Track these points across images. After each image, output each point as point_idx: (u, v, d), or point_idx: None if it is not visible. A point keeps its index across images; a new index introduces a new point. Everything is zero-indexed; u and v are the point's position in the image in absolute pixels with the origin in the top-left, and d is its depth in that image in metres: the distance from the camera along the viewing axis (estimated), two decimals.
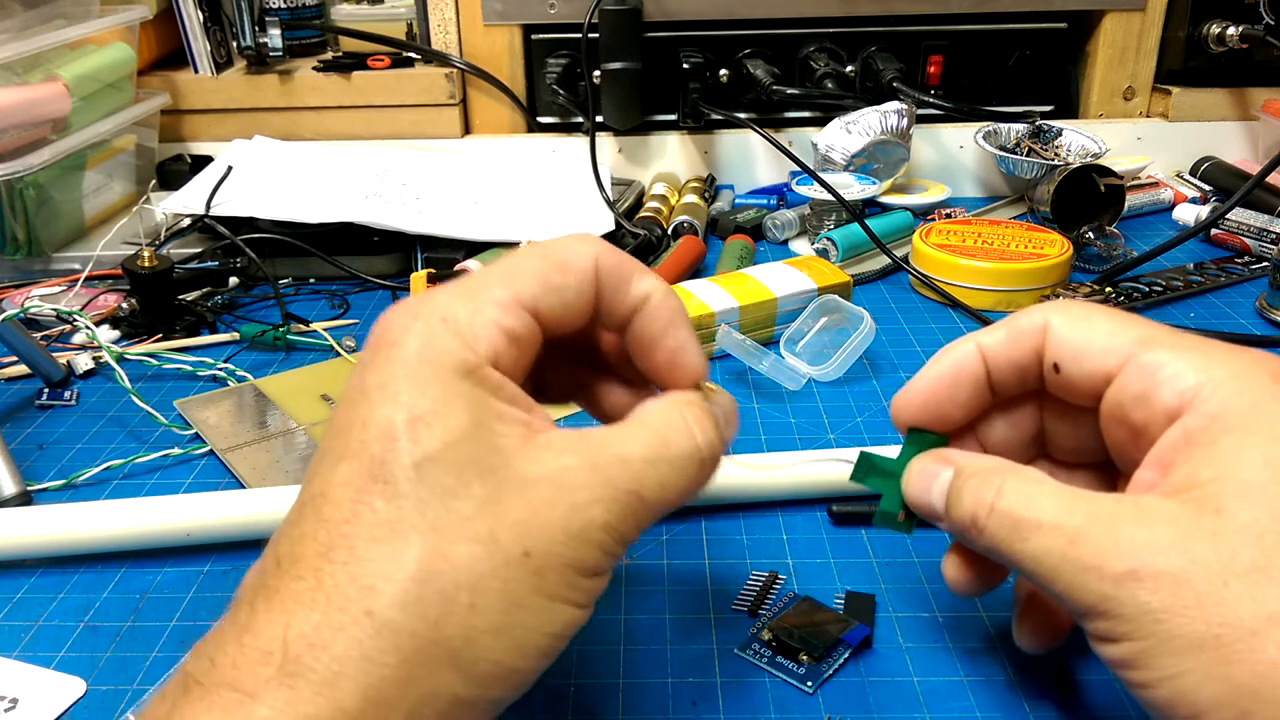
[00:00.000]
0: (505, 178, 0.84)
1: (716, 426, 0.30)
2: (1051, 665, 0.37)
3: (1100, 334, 0.31)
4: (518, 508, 0.26)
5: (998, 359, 0.33)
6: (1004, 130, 0.88)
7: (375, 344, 0.28)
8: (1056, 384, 0.33)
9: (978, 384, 0.34)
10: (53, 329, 0.66)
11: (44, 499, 0.49)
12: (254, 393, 0.57)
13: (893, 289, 0.71)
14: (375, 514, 0.25)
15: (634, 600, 0.40)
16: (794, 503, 0.46)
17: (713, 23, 0.89)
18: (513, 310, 0.29)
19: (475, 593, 0.25)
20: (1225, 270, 0.71)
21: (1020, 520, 0.29)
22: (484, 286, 0.29)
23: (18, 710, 0.36)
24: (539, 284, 0.29)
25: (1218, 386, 0.28)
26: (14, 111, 0.70)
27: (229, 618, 0.26)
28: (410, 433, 0.26)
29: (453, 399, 0.26)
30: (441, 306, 0.28)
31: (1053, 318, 0.32)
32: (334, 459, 0.27)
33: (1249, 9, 0.86)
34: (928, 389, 0.34)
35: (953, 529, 0.32)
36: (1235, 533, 0.26)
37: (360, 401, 0.27)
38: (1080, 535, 0.27)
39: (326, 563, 0.25)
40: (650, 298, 0.31)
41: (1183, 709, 0.25)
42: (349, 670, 0.24)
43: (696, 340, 0.32)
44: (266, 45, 0.88)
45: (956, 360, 0.34)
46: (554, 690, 0.36)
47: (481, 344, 0.28)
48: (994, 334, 0.34)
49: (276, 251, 0.72)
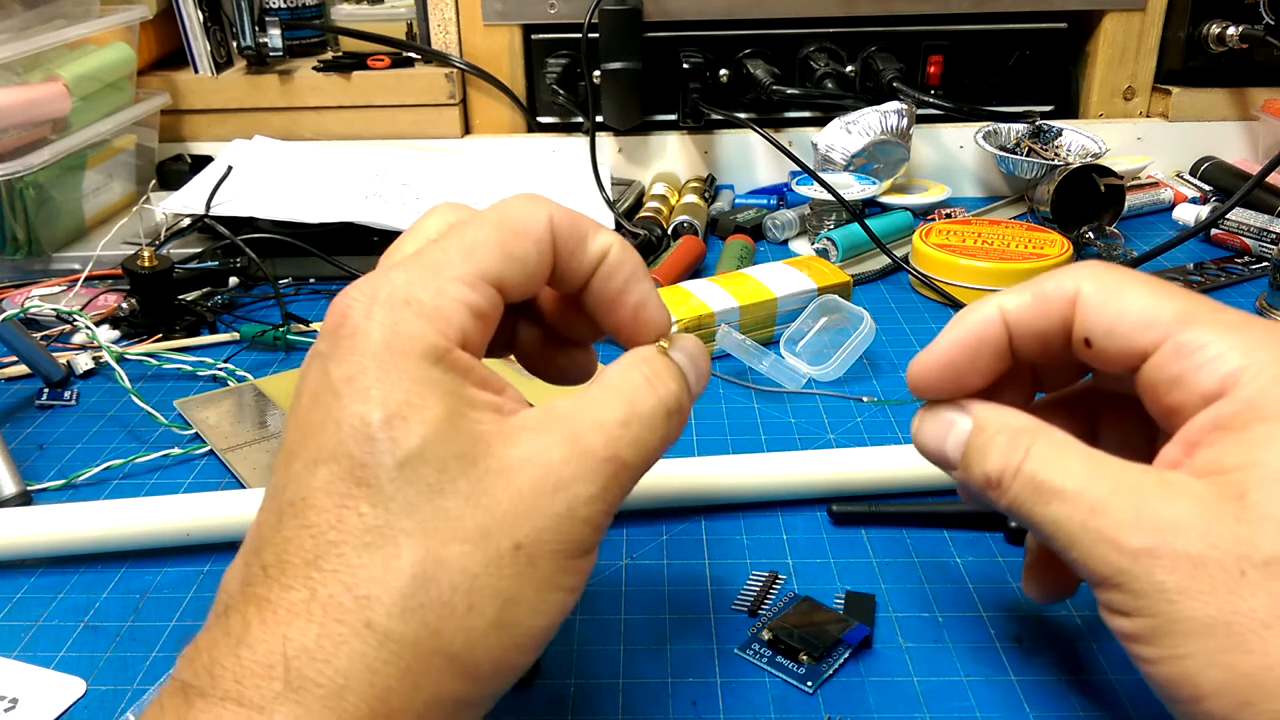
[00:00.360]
0: (505, 178, 0.84)
1: (678, 377, 0.30)
2: (1052, 665, 0.37)
3: (1136, 306, 0.29)
4: (505, 498, 0.26)
5: (1022, 326, 0.32)
6: (1004, 130, 0.88)
7: (335, 332, 0.27)
8: (1087, 357, 0.31)
9: (999, 351, 0.32)
10: (53, 329, 0.66)
11: (44, 499, 0.49)
12: (254, 393, 0.57)
13: (893, 289, 0.71)
14: (362, 519, 0.25)
15: (634, 600, 0.40)
16: (794, 503, 0.46)
17: (713, 23, 0.89)
18: (477, 286, 0.27)
19: (471, 594, 0.25)
20: (1225, 270, 0.72)
21: (1044, 485, 0.28)
22: (444, 262, 0.28)
23: (18, 710, 0.36)
24: (499, 254, 0.28)
25: (1260, 371, 0.27)
26: (14, 111, 0.70)
27: (219, 626, 0.25)
28: (388, 431, 0.25)
29: (425, 390, 0.26)
30: (402, 288, 0.27)
31: (1084, 285, 0.30)
32: (309, 461, 0.26)
33: (1249, 9, 0.86)
34: (946, 356, 0.32)
35: (968, 482, 0.31)
36: (1258, 522, 0.25)
37: (328, 398, 0.26)
38: (1102, 505, 0.27)
39: (317, 571, 0.25)
40: (608, 254, 0.30)
41: (1185, 689, 0.25)
42: (353, 684, 0.24)
43: (657, 292, 0.31)
44: (266, 45, 0.88)
45: (977, 326, 0.32)
46: (554, 690, 0.36)
47: (450, 326, 0.27)
48: (1018, 298, 0.31)
49: (276, 251, 0.72)
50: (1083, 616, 0.39)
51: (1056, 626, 0.39)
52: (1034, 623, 0.39)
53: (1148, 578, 0.26)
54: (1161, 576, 0.25)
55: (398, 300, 0.26)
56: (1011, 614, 0.39)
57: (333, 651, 0.24)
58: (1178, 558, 0.25)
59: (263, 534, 0.26)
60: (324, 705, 0.24)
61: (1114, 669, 0.36)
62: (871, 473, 0.46)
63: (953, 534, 0.44)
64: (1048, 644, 0.38)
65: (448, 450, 0.25)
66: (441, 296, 0.27)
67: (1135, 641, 0.26)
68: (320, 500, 0.25)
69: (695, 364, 0.31)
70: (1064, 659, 0.37)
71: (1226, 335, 0.28)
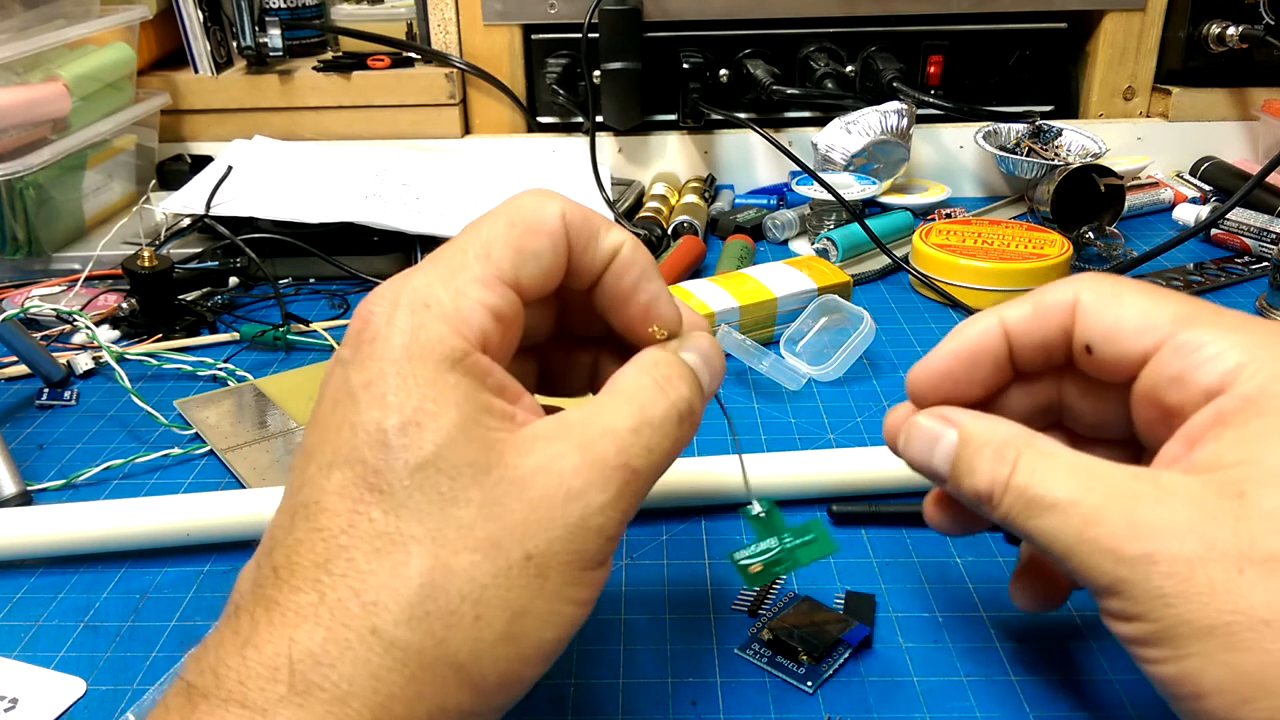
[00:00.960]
0: (505, 178, 0.84)
1: (689, 379, 0.30)
2: (1051, 665, 0.37)
3: (1134, 312, 0.29)
4: (516, 508, 0.26)
5: (1022, 336, 0.32)
6: (1004, 130, 0.88)
7: (357, 338, 0.27)
8: (1088, 364, 0.31)
9: (999, 361, 0.32)
10: (53, 329, 0.66)
11: (44, 499, 0.49)
12: (254, 393, 0.57)
13: (893, 289, 0.71)
14: (373, 525, 0.25)
15: (634, 600, 0.40)
16: (794, 503, 0.46)
17: (713, 23, 0.89)
18: (496, 287, 0.28)
19: (480, 604, 0.25)
20: (1225, 270, 0.72)
21: (1035, 498, 0.28)
22: (462, 264, 0.28)
23: (18, 710, 0.36)
24: (515, 254, 0.28)
25: (1260, 368, 0.27)
26: (14, 111, 0.70)
27: (228, 626, 0.25)
28: (402, 438, 0.25)
29: (441, 395, 0.26)
30: (422, 291, 0.27)
31: (1083, 294, 0.31)
32: (324, 464, 0.26)
33: (1249, 9, 0.86)
34: (945, 366, 0.33)
35: (960, 497, 0.31)
36: (1257, 519, 0.25)
37: (346, 403, 0.26)
38: (1097, 515, 0.27)
39: (326, 575, 0.25)
40: (620, 251, 0.30)
41: (1187, 688, 0.25)
42: (357, 690, 0.24)
43: (668, 290, 0.31)
44: (266, 45, 0.88)
45: (978, 336, 0.32)
46: (554, 690, 0.36)
47: (470, 328, 0.27)
48: (1019, 309, 0.32)
49: (276, 251, 0.72)
50: (1082, 616, 0.39)
51: (1056, 626, 0.39)
52: (1034, 623, 0.39)
53: (1146, 584, 0.26)
54: (1159, 582, 0.25)
55: (418, 304, 0.27)
56: (1011, 614, 0.39)
57: (338, 656, 0.24)
58: (1175, 561, 0.25)
59: (276, 535, 0.26)
60: (327, 710, 0.24)
61: (1113, 669, 0.36)
62: (871, 473, 0.46)
63: None
64: (1048, 644, 0.38)
65: (461, 458, 0.25)
66: (461, 298, 0.27)
67: (1137, 645, 0.27)
68: (333, 504, 0.25)
69: (709, 363, 0.31)
70: (1064, 659, 0.37)
71: (1226, 334, 0.28)
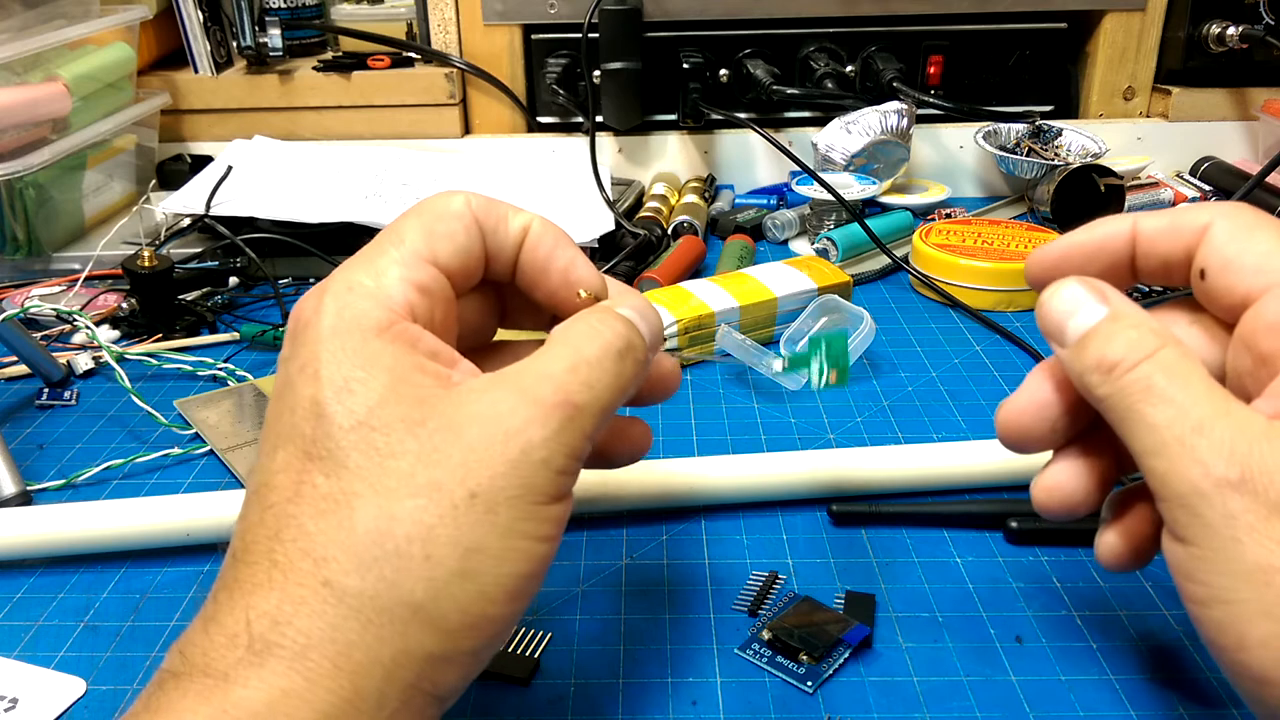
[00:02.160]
0: (505, 178, 0.84)
1: (624, 320, 0.30)
2: (1052, 665, 0.37)
3: (1258, 250, 0.29)
4: (455, 451, 0.26)
5: (1148, 245, 0.31)
6: (1004, 130, 0.88)
7: (291, 333, 0.29)
8: (1199, 291, 0.31)
9: (1118, 264, 0.32)
10: (53, 329, 0.66)
11: (44, 499, 0.49)
12: (254, 393, 0.57)
13: (893, 289, 0.71)
14: (316, 489, 0.26)
15: (634, 600, 0.40)
16: (794, 503, 0.46)
17: (713, 23, 0.89)
18: (414, 264, 0.29)
19: (428, 544, 0.25)
20: None
21: (1158, 388, 0.27)
22: (379, 252, 0.29)
23: (18, 710, 0.36)
24: (428, 236, 0.30)
25: None
26: (14, 111, 0.70)
27: (198, 616, 0.26)
28: (335, 405, 0.26)
29: (370, 360, 0.27)
30: (344, 279, 0.29)
31: (1218, 220, 0.30)
32: (269, 449, 0.27)
33: (1249, 9, 0.86)
34: (1063, 252, 0.32)
35: (1074, 362, 0.30)
36: None
37: (285, 391, 0.27)
38: (1206, 426, 0.26)
39: (278, 544, 0.25)
40: (530, 228, 0.31)
41: (1230, 636, 0.25)
42: (315, 642, 0.24)
43: (586, 257, 0.32)
44: (266, 45, 0.88)
45: (1104, 235, 0.32)
46: (554, 690, 0.36)
47: (394, 300, 0.28)
48: (1155, 220, 0.31)
49: (276, 251, 0.72)
50: (1082, 617, 0.39)
51: (1056, 626, 0.39)
52: (1034, 623, 0.39)
53: (1222, 506, 0.25)
54: (1235, 507, 0.25)
55: (342, 289, 0.28)
56: (1011, 614, 0.39)
57: (293, 614, 0.25)
58: (1259, 498, 0.25)
59: (236, 526, 0.27)
60: (288, 666, 0.24)
61: (1114, 669, 0.36)
62: (871, 473, 0.46)
63: (953, 534, 0.44)
64: (1048, 644, 0.38)
65: (393, 415, 0.26)
66: (381, 276, 0.29)
67: (1187, 578, 0.26)
68: (278, 480, 0.26)
69: (643, 314, 0.31)
70: (1065, 659, 0.37)
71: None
